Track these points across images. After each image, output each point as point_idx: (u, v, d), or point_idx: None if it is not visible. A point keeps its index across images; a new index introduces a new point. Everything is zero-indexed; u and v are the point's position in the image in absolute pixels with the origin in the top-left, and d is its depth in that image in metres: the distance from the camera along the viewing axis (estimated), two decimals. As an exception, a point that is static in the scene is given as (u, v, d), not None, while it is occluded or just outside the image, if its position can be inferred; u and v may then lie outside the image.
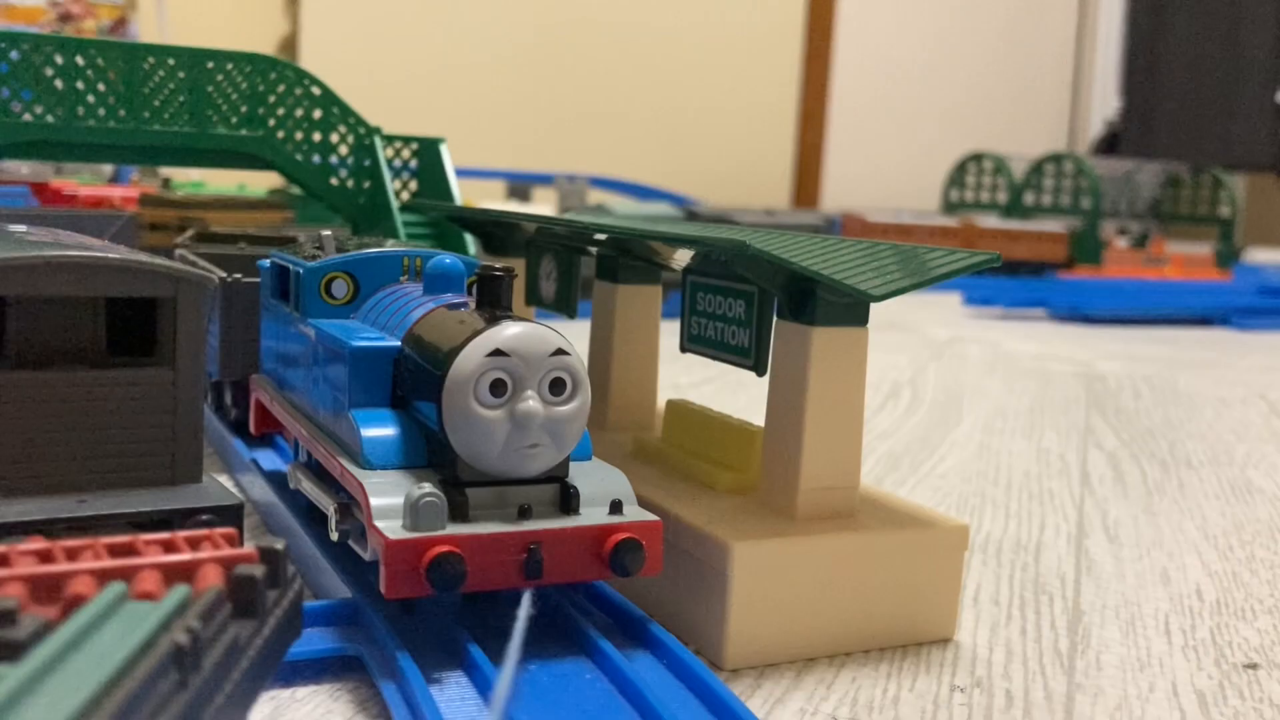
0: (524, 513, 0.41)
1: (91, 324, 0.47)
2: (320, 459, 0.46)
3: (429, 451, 0.43)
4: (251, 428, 0.58)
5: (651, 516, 0.42)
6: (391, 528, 0.38)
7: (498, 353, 0.40)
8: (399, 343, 0.45)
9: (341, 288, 0.50)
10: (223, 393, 0.72)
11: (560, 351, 0.41)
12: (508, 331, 0.40)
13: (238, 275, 0.67)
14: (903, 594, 0.47)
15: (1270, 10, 3.47)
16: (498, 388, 0.40)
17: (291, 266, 0.52)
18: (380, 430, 0.43)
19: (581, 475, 0.43)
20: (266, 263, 0.57)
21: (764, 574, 0.44)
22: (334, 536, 0.44)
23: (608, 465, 0.45)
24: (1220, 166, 3.02)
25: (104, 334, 0.47)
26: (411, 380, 0.44)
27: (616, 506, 0.42)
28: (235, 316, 0.67)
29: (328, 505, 0.45)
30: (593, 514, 0.42)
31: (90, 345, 0.47)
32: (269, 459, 0.65)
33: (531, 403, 0.40)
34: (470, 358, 0.40)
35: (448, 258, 0.48)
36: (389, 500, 0.40)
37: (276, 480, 0.59)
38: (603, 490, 0.43)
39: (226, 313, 0.67)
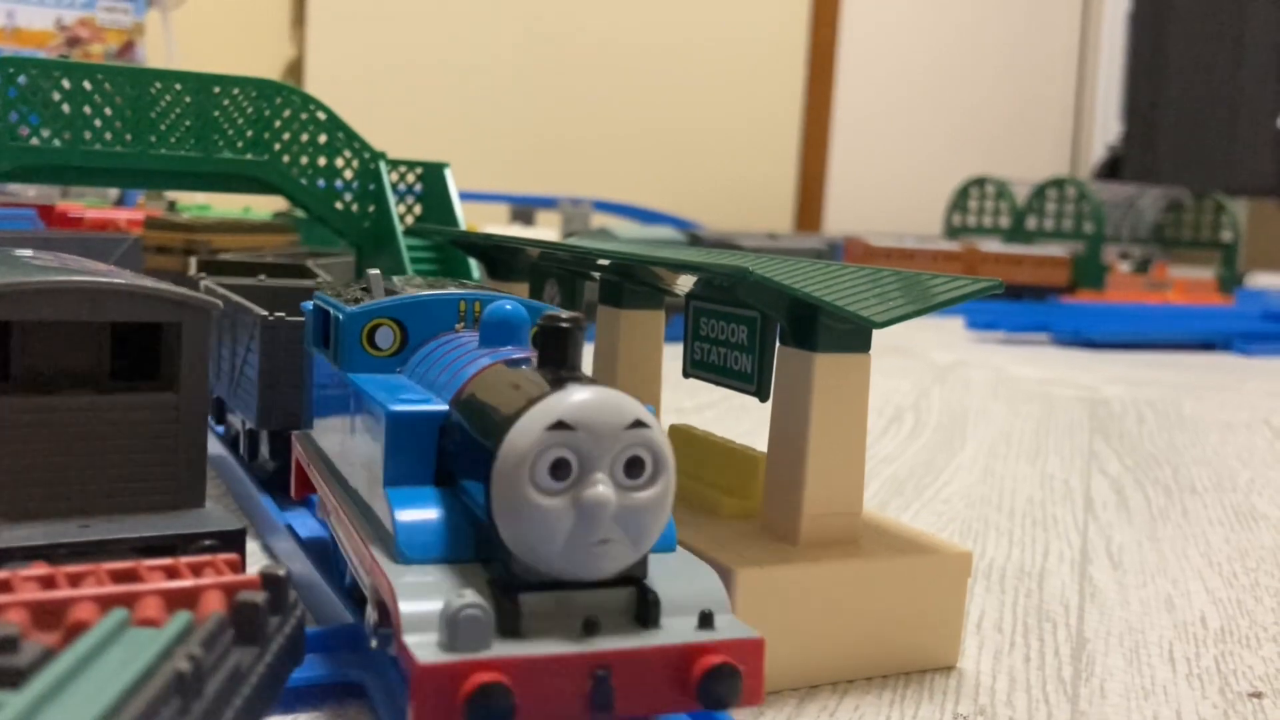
0: (590, 626, 0.33)
1: (96, 349, 0.47)
2: (349, 545, 0.41)
3: (478, 542, 0.36)
4: (291, 490, 0.53)
5: (751, 631, 0.34)
6: (424, 646, 0.32)
7: (561, 425, 0.33)
8: (446, 406, 0.39)
9: (387, 336, 0.44)
10: (258, 443, 0.65)
11: (639, 423, 0.34)
12: (574, 398, 0.33)
13: (280, 314, 0.61)
14: (906, 621, 0.47)
15: (1272, 36, 3.48)
16: (560, 469, 0.33)
17: (331, 311, 0.46)
18: (419, 513, 0.37)
19: (663, 575, 0.35)
20: (310, 304, 0.51)
21: (767, 600, 0.44)
22: (372, 643, 0.37)
23: (695, 560, 0.37)
24: (1222, 191, 3.02)
25: (108, 359, 0.48)
26: (459, 454, 0.37)
27: (707, 619, 0.34)
28: (277, 360, 0.61)
29: (369, 606, 0.38)
30: (677, 627, 0.34)
31: (95, 370, 0.47)
32: (304, 522, 0.58)
33: (601, 489, 0.33)
34: (526, 431, 0.33)
35: (508, 303, 0.42)
36: (423, 606, 0.33)
37: (315, 550, 0.53)
38: (690, 595, 0.35)
39: (267, 355, 0.61)
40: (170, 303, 0.45)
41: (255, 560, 0.56)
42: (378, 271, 0.48)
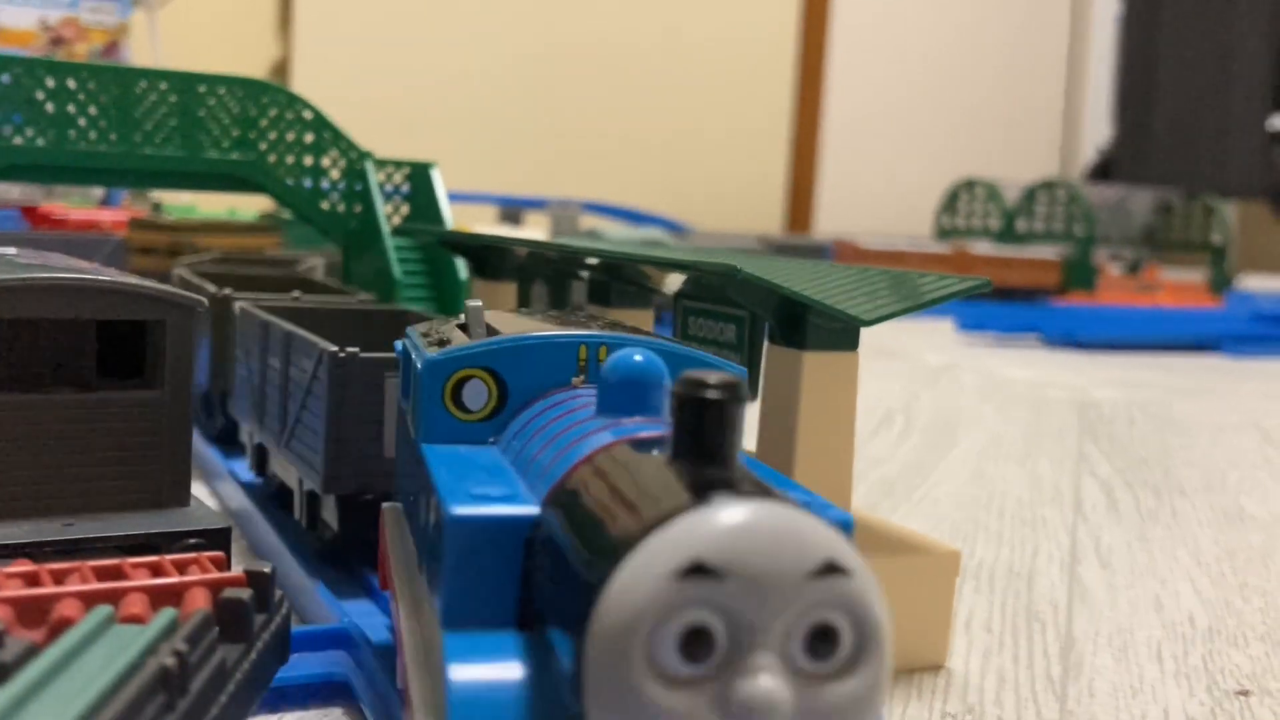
0: None
1: (81, 347, 0.47)
2: (407, 705, 0.31)
3: None
4: (380, 579, 0.43)
5: None
6: None
7: (700, 570, 0.21)
8: (537, 509, 0.28)
9: (478, 393, 0.35)
10: (318, 509, 0.53)
11: (832, 567, 0.22)
12: (723, 521, 0.22)
13: (353, 349, 0.49)
14: (895, 620, 0.47)
15: (1262, 38, 3.49)
16: (698, 643, 0.21)
17: (412, 355, 0.37)
18: (483, 673, 0.25)
19: None
20: (401, 345, 0.41)
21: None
22: None
23: None
24: (1213, 193, 3.03)
25: (94, 357, 0.47)
26: (552, 584, 0.26)
27: None
28: (349, 407, 0.49)
29: None
30: None
31: (80, 368, 0.47)
32: (374, 621, 0.44)
33: (766, 680, 0.21)
34: (643, 577, 0.21)
35: (639, 352, 0.31)
36: None
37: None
38: None
39: (337, 401, 0.49)
40: (155, 300, 0.45)
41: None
42: (479, 303, 0.38)
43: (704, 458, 0.24)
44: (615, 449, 0.28)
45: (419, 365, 0.35)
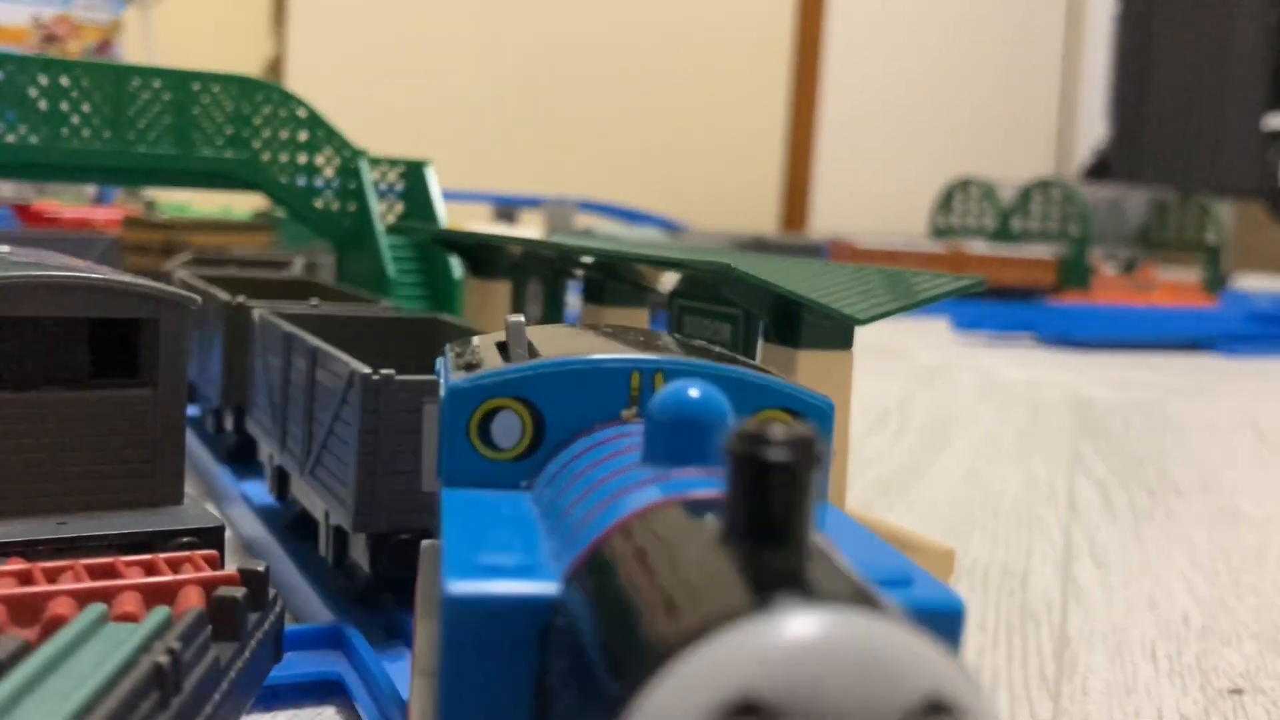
0: None
1: (74, 345, 0.47)
2: None
3: None
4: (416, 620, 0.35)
5: None
6: None
7: (751, 710, 0.16)
8: (558, 587, 0.23)
9: (510, 427, 0.30)
10: (346, 547, 0.48)
11: (936, 708, 0.16)
12: (787, 640, 0.16)
13: (388, 371, 0.44)
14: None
15: (1258, 38, 3.49)
16: None
17: (440, 380, 0.33)
18: None
19: None
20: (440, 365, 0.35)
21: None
22: None
23: None
24: (1207, 193, 3.03)
25: (86, 355, 0.47)
26: (567, 690, 0.22)
27: None
28: (384, 436, 0.44)
29: None
30: None
31: (72, 366, 0.47)
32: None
33: None
34: (673, 715, 0.16)
35: (694, 386, 0.26)
36: None
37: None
38: None
39: (370, 429, 0.44)
40: (147, 298, 0.45)
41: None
42: (520, 319, 0.33)
43: (767, 538, 0.19)
44: (659, 512, 0.22)
45: (442, 393, 0.31)
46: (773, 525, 0.19)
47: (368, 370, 0.44)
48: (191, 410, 0.78)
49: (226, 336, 0.67)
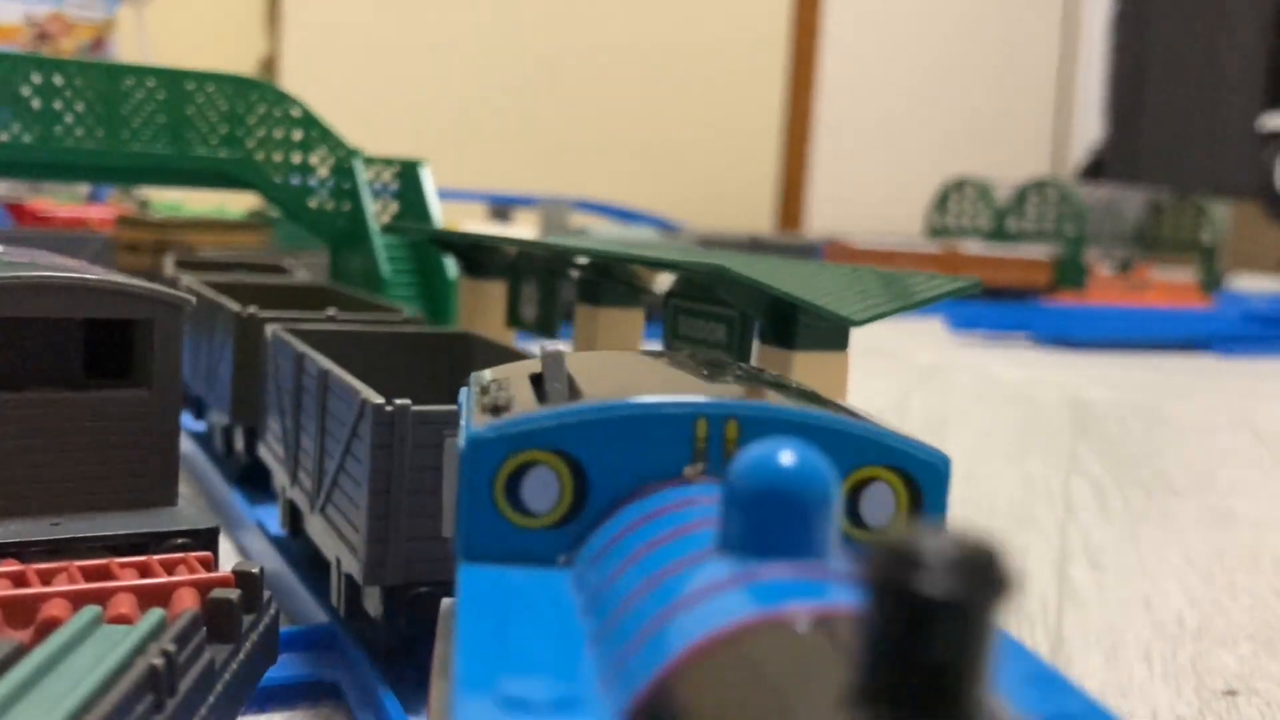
0: None
1: (68, 345, 0.47)
2: None
3: None
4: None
5: None
6: None
7: None
8: None
9: (545, 488, 0.25)
10: (358, 594, 0.42)
11: None
12: None
13: (404, 401, 0.39)
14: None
15: (1253, 38, 3.49)
16: None
17: (461, 423, 0.28)
18: None
19: None
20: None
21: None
22: None
23: None
24: (1203, 193, 3.04)
25: (80, 355, 0.47)
26: None
27: None
28: (397, 476, 0.39)
29: None
30: None
31: (67, 367, 0.47)
32: None
33: None
34: None
35: (788, 450, 0.20)
36: None
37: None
38: None
39: (379, 468, 0.39)
40: (142, 299, 0.45)
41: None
42: (559, 347, 0.28)
43: (922, 708, 0.13)
44: (752, 639, 0.16)
45: (461, 441, 0.25)
46: (930, 689, 0.13)
47: (380, 400, 0.39)
48: (199, 426, 0.76)
49: (237, 350, 0.62)
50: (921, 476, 0.26)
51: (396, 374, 0.47)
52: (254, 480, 0.63)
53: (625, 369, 0.30)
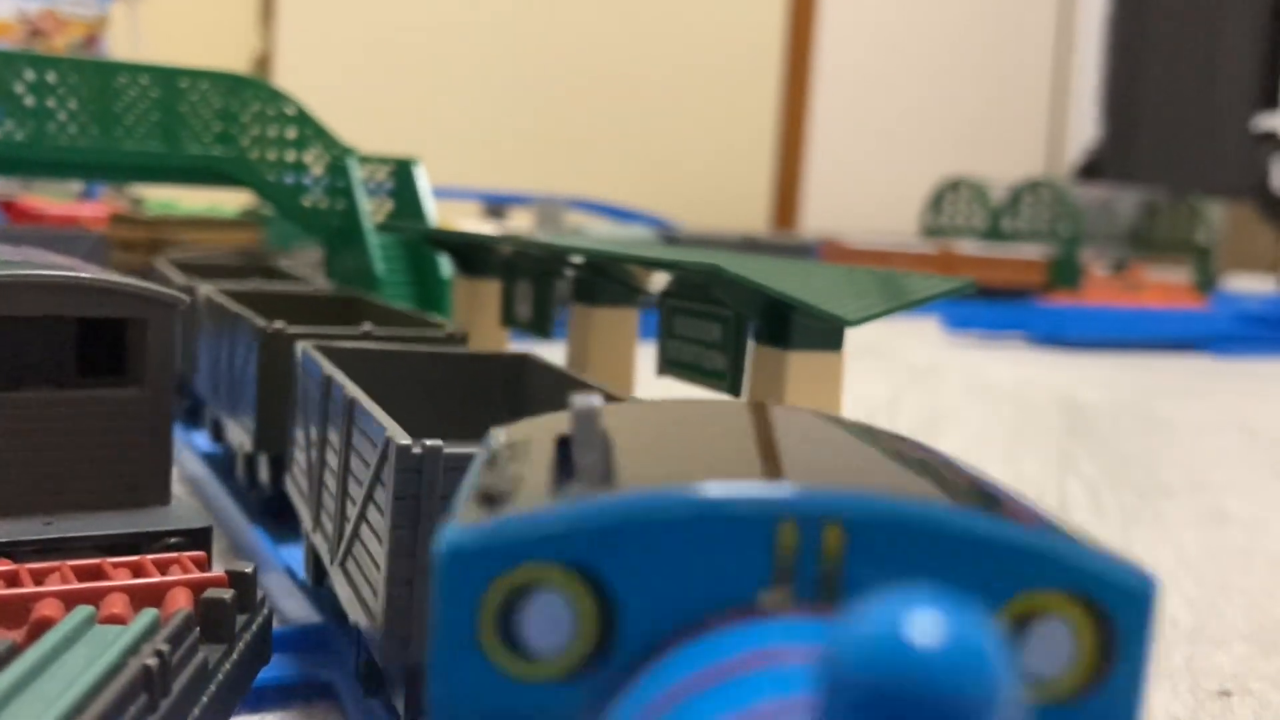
0: None
1: (61, 344, 0.47)
2: None
3: None
4: None
5: None
6: None
7: None
8: None
9: (554, 618, 0.18)
10: (379, 675, 0.37)
11: None
12: None
13: (435, 443, 0.33)
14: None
15: (1247, 40, 3.50)
16: None
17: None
18: None
19: None
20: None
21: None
22: None
23: None
24: (1198, 193, 3.04)
25: (74, 354, 0.47)
26: None
27: None
28: (426, 533, 0.33)
29: None
30: None
31: (60, 365, 0.47)
32: None
33: None
34: None
35: (931, 620, 0.13)
36: None
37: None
38: None
39: (405, 520, 0.33)
40: (136, 298, 0.45)
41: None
42: (593, 402, 0.21)
43: None
44: None
45: (441, 554, 0.18)
46: None
47: (406, 440, 0.32)
48: (214, 449, 0.72)
49: (261, 369, 0.56)
50: (1115, 607, 0.19)
51: (440, 404, 0.42)
52: (280, 512, 0.57)
53: (685, 432, 0.22)
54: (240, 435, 0.61)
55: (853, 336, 0.47)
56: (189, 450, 0.74)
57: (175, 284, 0.78)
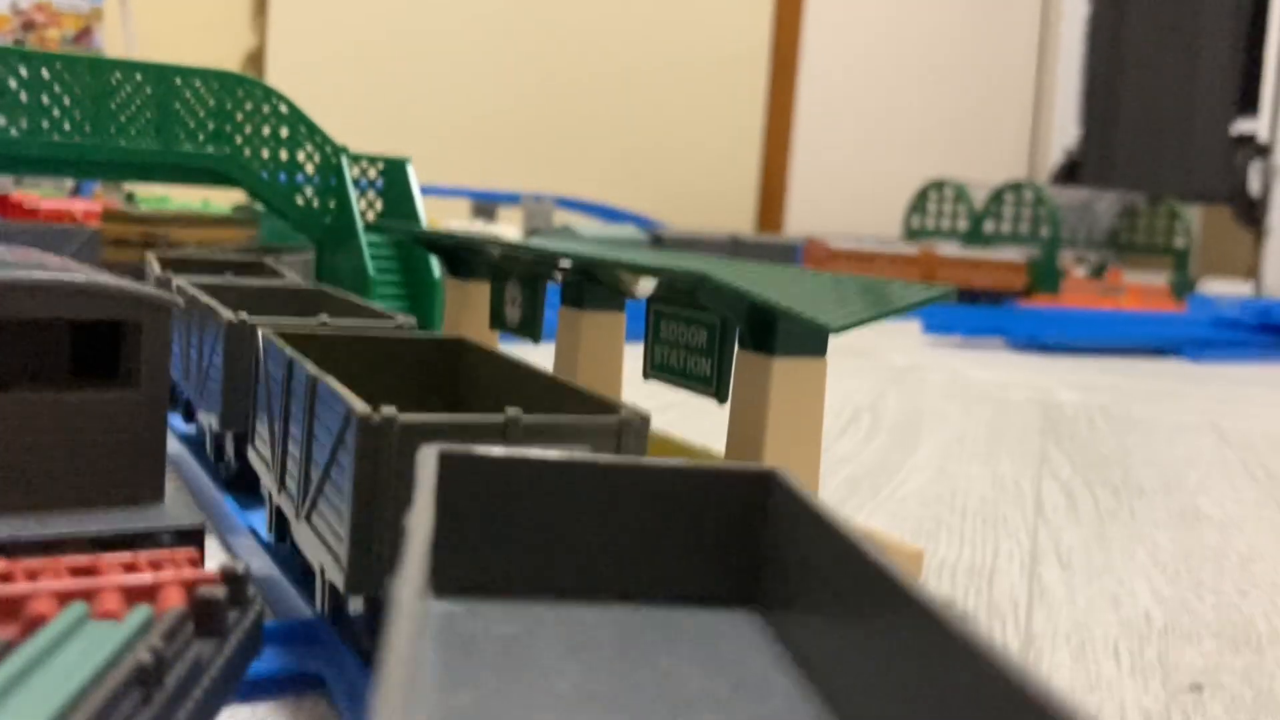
0: None
1: (55, 346, 0.47)
2: None
3: None
4: None
5: None
6: None
7: None
8: None
9: None
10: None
11: None
12: None
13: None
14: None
15: (1226, 45, 3.52)
16: None
17: None
18: None
19: None
20: None
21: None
22: None
23: None
24: (1177, 197, 3.06)
25: (68, 355, 0.47)
26: None
27: None
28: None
29: None
30: None
31: (54, 367, 0.47)
32: None
33: None
34: None
35: None
36: None
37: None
38: None
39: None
40: (130, 300, 0.45)
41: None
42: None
43: None
44: None
45: None
46: None
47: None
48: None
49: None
50: None
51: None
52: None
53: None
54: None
55: (835, 337, 0.48)
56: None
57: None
